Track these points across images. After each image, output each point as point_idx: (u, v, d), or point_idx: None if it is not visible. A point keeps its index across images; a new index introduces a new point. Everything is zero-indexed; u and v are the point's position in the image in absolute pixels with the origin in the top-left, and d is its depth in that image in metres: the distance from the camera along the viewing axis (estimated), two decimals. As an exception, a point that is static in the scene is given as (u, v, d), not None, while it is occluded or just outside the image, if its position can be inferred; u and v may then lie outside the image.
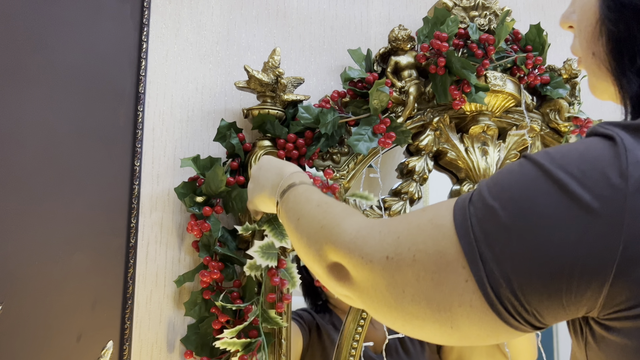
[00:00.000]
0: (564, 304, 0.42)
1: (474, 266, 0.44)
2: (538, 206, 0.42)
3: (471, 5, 1.13)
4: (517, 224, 0.42)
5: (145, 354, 0.94)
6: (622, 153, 0.40)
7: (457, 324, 0.46)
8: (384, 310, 0.52)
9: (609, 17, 0.49)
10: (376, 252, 0.51)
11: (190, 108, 1.03)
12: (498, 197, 0.44)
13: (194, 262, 0.99)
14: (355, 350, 1.04)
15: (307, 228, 0.63)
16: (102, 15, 0.97)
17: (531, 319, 0.43)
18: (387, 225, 0.53)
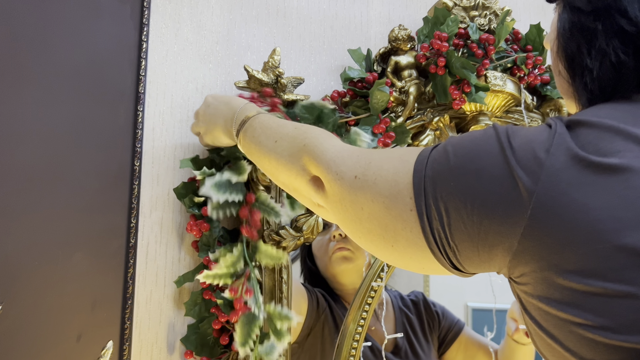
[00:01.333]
0: (479, 248, 0.48)
1: (418, 198, 0.51)
2: (480, 160, 0.48)
3: (471, 5, 1.13)
4: (460, 169, 0.49)
5: (145, 354, 0.94)
6: (552, 136, 0.47)
7: (397, 244, 0.54)
8: (347, 223, 0.60)
9: (563, 36, 0.55)
10: (348, 170, 0.59)
11: (190, 108, 1.03)
12: (455, 145, 0.51)
13: (194, 262, 0.99)
14: (355, 350, 1.04)
15: (288, 147, 0.69)
16: (102, 15, 0.97)
17: (452, 256, 0.50)
18: (366, 152, 0.60)
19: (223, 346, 0.93)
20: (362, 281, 1.07)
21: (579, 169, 0.44)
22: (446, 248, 0.50)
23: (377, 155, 0.58)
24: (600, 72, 0.51)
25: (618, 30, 0.50)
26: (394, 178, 0.54)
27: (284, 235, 0.98)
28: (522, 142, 0.47)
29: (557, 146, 0.46)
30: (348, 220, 0.59)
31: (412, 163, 0.53)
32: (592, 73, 0.52)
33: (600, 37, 0.51)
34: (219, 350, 0.93)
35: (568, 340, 0.44)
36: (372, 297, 1.06)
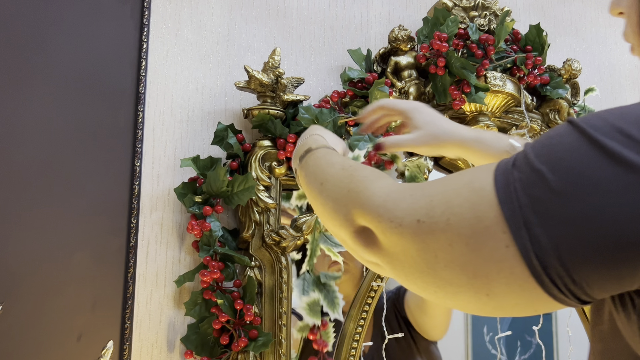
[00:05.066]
0: (619, 275, 0.39)
1: (517, 232, 0.41)
2: (592, 172, 0.39)
3: (471, 5, 1.14)
4: (570, 189, 0.39)
5: (145, 354, 0.94)
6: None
7: (494, 291, 0.44)
8: (415, 276, 0.49)
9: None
10: (407, 215, 0.49)
11: (191, 108, 1.03)
12: (546, 160, 0.41)
13: (194, 262, 0.99)
14: (355, 350, 1.04)
15: (332, 192, 0.60)
16: (102, 15, 0.97)
17: (577, 291, 0.41)
18: (421, 188, 0.50)
19: (223, 346, 0.93)
20: (362, 281, 1.07)
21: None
22: (569, 286, 0.40)
23: (437, 190, 0.49)
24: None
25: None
26: (474, 213, 0.44)
27: (284, 235, 0.98)
28: None
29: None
30: (417, 273, 0.49)
31: (491, 190, 0.43)
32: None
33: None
34: (219, 350, 0.93)
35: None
36: (372, 297, 1.06)
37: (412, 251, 0.48)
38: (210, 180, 0.94)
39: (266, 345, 0.93)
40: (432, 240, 0.46)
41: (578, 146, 0.40)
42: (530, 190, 0.41)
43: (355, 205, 0.55)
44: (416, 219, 0.48)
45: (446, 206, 0.46)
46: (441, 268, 0.46)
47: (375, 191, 0.54)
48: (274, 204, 0.96)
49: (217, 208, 0.95)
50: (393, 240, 0.50)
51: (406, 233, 0.48)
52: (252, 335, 0.93)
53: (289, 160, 1.00)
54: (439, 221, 0.46)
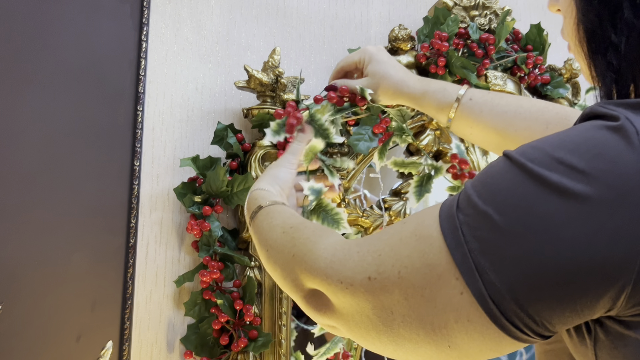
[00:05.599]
0: (579, 309, 0.38)
1: (470, 277, 0.40)
2: (539, 208, 0.38)
3: (471, 4, 1.13)
4: (517, 229, 0.38)
5: (145, 354, 0.94)
6: (632, 137, 0.37)
7: (454, 341, 0.42)
8: (372, 336, 0.47)
9: (581, 8, 0.47)
10: (356, 274, 0.47)
11: (190, 108, 1.03)
12: (490, 201, 0.40)
13: (193, 262, 0.99)
14: (355, 351, 1.04)
15: (277, 259, 0.58)
16: (101, 14, 0.97)
17: (540, 329, 0.40)
18: (366, 243, 0.48)
19: (223, 346, 0.93)
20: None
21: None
22: (531, 326, 0.39)
23: (384, 243, 0.47)
24: (628, 46, 0.43)
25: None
26: (424, 262, 0.42)
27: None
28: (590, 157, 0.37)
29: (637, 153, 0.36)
30: (374, 333, 0.47)
31: (438, 237, 0.42)
32: (617, 50, 0.43)
33: (627, 6, 0.42)
34: (219, 351, 0.93)
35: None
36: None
37: (367, 310, 0.46)
38: (209, 180, 0.93)
39: (266, 346, 0.93)
40: (386, 297, 0.44)
41: (519, 182, 0.39)
42: (479, 233, 0.40)
43: (302, 269, 0.53)
44: (367, 276, 0.46)
45: (395, 259, 0.44)
46: (398, 325, 0.44)
47: (319, 253, 0.52)
48: None
49: (217, 208, 0.95)
50: (346, 301, 0.48)
51: (358, 292, 0.46)
52: (252, 336, 0.93)
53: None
54: (390, 275, 0.44)
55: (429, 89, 0.81)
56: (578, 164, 0.37)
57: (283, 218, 0.64)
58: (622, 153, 0.37)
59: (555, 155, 0.39)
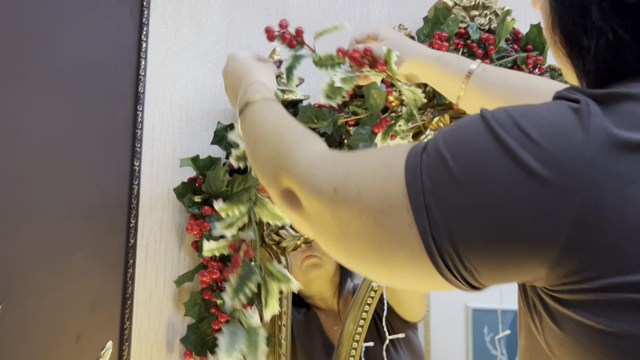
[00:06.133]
0: (505, 266, 0.41)
1: (418, 214, 0.43)
2: (488, 166, 0.40)
3: (471, 4, 1.13)
4: (466, 179, 0.41)
5: (144, 354, 0.94)
6: (585, 117, 0.39)
7: (394, 266, 0.46)
8: (331, 241, 0.52)
9: (555, 9, 0.48)
10: (326, 183, 0.51)
11: (190, 108, 1.03)
12: (451, 148, 0.43)
13: (193, 262, 0.99)
14: (355, 351, 1.04)
15: (263, 152, 0.63)
16: (101, 14, 0.97)
17: (468, 276, 0.43)
18: (342, 157, 0.52)
19: (223, 346, 0.93)
20: (362, 281, 1.07)
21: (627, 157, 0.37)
22: (460, 270, 0.42)
23: (357, 161, 0.50)
24: (597, 51, 0.44)
25: (615, 3, 0.42)
26: (383, 189, 0.46)
27: (283, 236, 0.97)
28: (543, 130, 0.40)
29: (594, 132, 0.38)
30: (333, 239, 0.51)
31: (401, 170, 0.45)
32: (589, 52, 0.44)
33: (595, 11, 0.43)
34: (219, 351, 0.93)
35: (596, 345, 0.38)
36: (372, 297, 1.05)
37: (328, 218, 0.50)
38: (209, 180, 0.93)
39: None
40: (345, 210, 0.48)
41: (481, 138, 0.42)
42: (434, 174, 0.43)
43: (282, 168, 0.57)
44: (333, 187, 0.50)
45: (360, 178, 0.48)
46: (352, 237, 0.48)
47: (300, 156, 0.56)
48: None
49: (217, 208, 0.95)
50: (313, 205, 0.52)
51: (324, 200, 0.50)
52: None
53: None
54: (352, 192, 0.48)
55: (445, 56, 0.82)
56: (533, 134, 0.40)
57: (277, 115, 0.67)
58: (573, 131, 0.39)
59: (518, 122, 0.41)
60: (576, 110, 0.40)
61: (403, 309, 1.16)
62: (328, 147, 0.58)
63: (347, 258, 0.51)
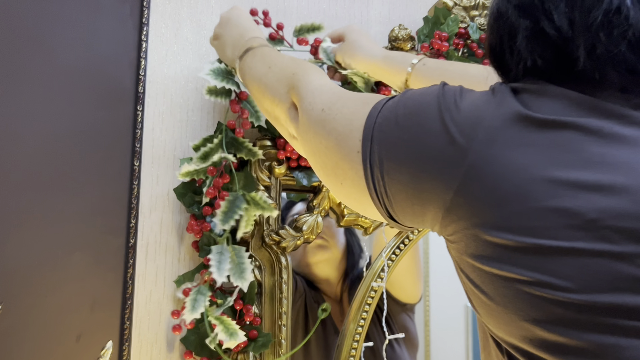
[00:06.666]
0: (412, 202, 0.50)
1: (365, 142, 0.52)
2: (423, 114, 0.50)
3: (471, 4, 1.13)
4: (404, 121, 0.50)
5: (144, 354, 0.94)
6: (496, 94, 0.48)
7: (345, 183, 0.56)
8: (309, 155, 0.62)
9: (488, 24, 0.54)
10: (320, 103, 0.61)
11: (190, 108, 1.03)
12: (407, 99, 0.52)
13: (193, 262, 0.99)
14: (355, 351, 1.04)
15: (277, 73, 0.72)
16: (101, 14, 0.97)
17: (387, 203, 0.52)
18: (342, 91, 0.62)
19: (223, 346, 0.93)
20: (362, 281, 1.07)
21: (520, 128, 0.45)
22: (383, 196, 0.52)
23: (348, 95, 0.60)
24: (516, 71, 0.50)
25: (539, 33, 0.48)
26: (351, 117, 0.55)
27: (283, 235, 0.97)
28: (469, 103, 0.48)
29: (498, 104, 0.47)
30: (310, 152, 0.61)
31: (369, 107, 0.54)
32: (509, 67, 0.51)
33: (522, 36, 0.49)
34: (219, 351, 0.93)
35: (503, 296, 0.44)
36: (372, 297, 1.05)
37: (310, 132, 0.61)
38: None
39: (266, 346, 0.93)
40: (321, 127, 0.59)
41: (430, 97, 0.50)
42: (386, 113, 0.52)
43: (294, 85, 0.67)
44: (322, 107, 0.60)
45: (342, 105, 0.58)
46: (321, 152, 0.58)
47: (312, 79, 0.66)
48: (274, 204, 0.95)
49: (217, 208, 0.95)
50: (304, 119, 0.62)
51: (312, 116, 0.61)
52: (252, 336, 0.93)
53: (289, 160, 1.00)
54: (331, 114, 0.58)
55: (390, 55, 0.92)
56: (461, 104, 0.48)
57: (280, 54, 0.78)
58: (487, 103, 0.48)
59: (460, 90, 0.50)
60: (494, 90, 0.49)
61: (397, 290, 1.17)
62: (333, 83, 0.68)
63: (317, 169, 0.61)
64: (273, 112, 0.73)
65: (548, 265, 0.42)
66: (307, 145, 0.62)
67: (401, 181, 0.50)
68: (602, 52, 0.45)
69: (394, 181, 0.50)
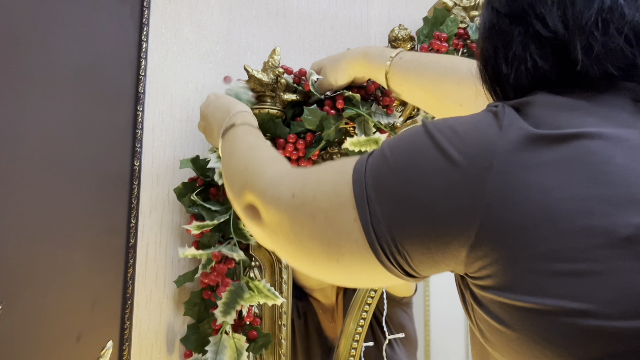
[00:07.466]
0: (432, 249, 0.45)
1: (361, 207, 0.48)
2: (420, 157, 0.46)
3: (471, 5, 1.13)
4: (400, 171, 0.46)
5: (145, 354, 0.94)
6: (501, 117, 0.45)
7: (342, 259, 0.51)
8: (286, 246, 0.56)
9: (482, 35, 0.52)
10: (285, 190, 0.56)
11: (190, 108, 1.03)
12: (392, 148, 0.48)
13: (193, 262, 0.99)
14: (356, 351, 1.04)
15: (235, 167, 0.68)
16: (101, 14, 0.97)
17: (403, 262, 0.47)
18: (302, 170, 0.58)
19: (223, 346, 0.93)
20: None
21: (535, 148, 0.42)
22: (395, 255, 0.47)
23: (315, 170, 0.56)
24: (516, 78, 0.49)
25: (535, 35, 0.47)
26: (334, 190, 0.51)
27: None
28: (468, 129, 0.45)
29: (507, 128, 0.44)
30: (288, 243, 0.56)
31: (349, 173, 0.50)
32: (508, 79, 0.49)
33: (517, 42, 0.48)
34: (219, 351, 0.93)
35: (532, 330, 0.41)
36: (372, 297, 1.06)
37: (285, 223, 0.55)
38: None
39: (266, 346, 0.93)
40: (300, 212, 0.54)
41: (417, 137, 0.47)
42: (375, 171, 0.48)
43: (246, 184, 0.62)
44: (292, 193, 0.55)
45: (315, 183, 0.54)
46: (306, 237, 0.53)
47: (265, 171, 0.61)
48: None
49: (217, 208, 0.95)
50: (271, 213, 0.57)
51: (282, 206, 0.56)
52: (252, 336, 0.93)
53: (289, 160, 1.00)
54: (307, 195, 0.53)
55: (369, 51, 0.91)
56: (459, 130, 0.45)
57: (256, 137, 0.73)
58: (490, 126, 0.44)
59: (450, 124, 0.46)
60: (494, 112, 0.46)
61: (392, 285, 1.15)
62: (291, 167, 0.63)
63: (300, 259, 0.55)
64: (232, 204, 0.68)
65: (585, 291, 0.38)
66: (283, 237, 0.56)
67: (414, 233, 0.45)
68: (600, 49, 0.45)
69: (406, 236, 0.46)
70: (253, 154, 0.67)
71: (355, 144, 1.00)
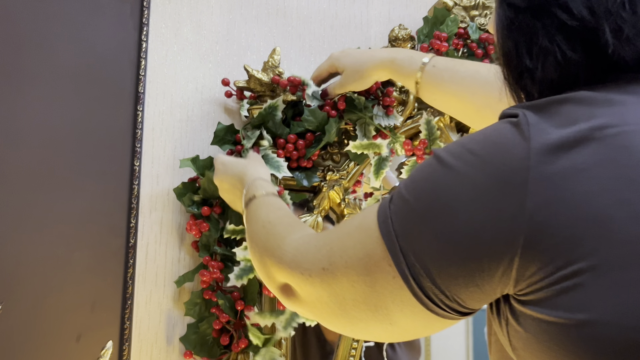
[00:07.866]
0: (479, 284, 0.42)
1: (397, 261, 0.45)
2: (441, 192, 0.43)
3: (471, 4, 1.13)
4: (428, 213, 0.43)
5: (144, 354, 0.94)
6: (523, 127, 0.42)
7: (394, 320, 0.48)
8: (332, 319, 0.54)
9: (501, 33, 0.50)
10: (313, 265, 0.53)
11: (190, 108, 1.03)
12: (411, 190, 0.45)
13: (193, 262, 0.99)
14: (355, 351, 1.04)
15: (256, 250, 0.66)
16: (101, 14, 0.97)
17: (454, 305, 0.44)
18: (322, 238, 0.55)
19: (223, 346, 0.93)
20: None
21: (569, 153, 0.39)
22: (445, 301, 0.44)
23: (336, 236, 0.53)
24: (544, 72, 0.46)
25: (560, 26, 0.45)
26: (364, 252, 0.48)
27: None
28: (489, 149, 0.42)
29: (533, 138, 0.41)
30: (334, 316, 0.53)
31: (375, 227, 0.47)
32: (533, 74, 0.47)
33: (542, 34, 0.45)
34: (219, 351, 0.93)
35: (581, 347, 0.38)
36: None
37: (324, 297, 0.52)
38: (207, 180, 0.93)
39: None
40: (337, 284, 0.50)
41: (433, 171, 0.44)
42: (402, 219, 0.45)
43: (272, 264, 0.60)
44: (321, 267, 0.52)
45: (343, 250, 0.50)
46: (350, 308, 0.50)
47: (285, 248, 0.59)
48: None
49: (216, 209, 0.95)
50: (307, 290, 0.54)
51: (316, 282, 0.53)
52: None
53: (289, 161, 1.00)
54: (339, 265, 0.50)
55: (397, 57, 0.87)
56: (478, 151, 0.42)
57: (267, 212, 0.70)
58: (513, 141, 0.41)
59: (466, 146, 0.44)
60: (515, 123, 0.42)
61: None
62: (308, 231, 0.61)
63: (351, 329, 0.53)
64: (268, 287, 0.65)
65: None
66: (327, 311, 0.53)
67: (459, 275, 0.42)
68: (630, 30, 0.43)
69: (451, 279, 0.42)
70: (267, 232, 0.65)
71: (357, 147, 1.00)
